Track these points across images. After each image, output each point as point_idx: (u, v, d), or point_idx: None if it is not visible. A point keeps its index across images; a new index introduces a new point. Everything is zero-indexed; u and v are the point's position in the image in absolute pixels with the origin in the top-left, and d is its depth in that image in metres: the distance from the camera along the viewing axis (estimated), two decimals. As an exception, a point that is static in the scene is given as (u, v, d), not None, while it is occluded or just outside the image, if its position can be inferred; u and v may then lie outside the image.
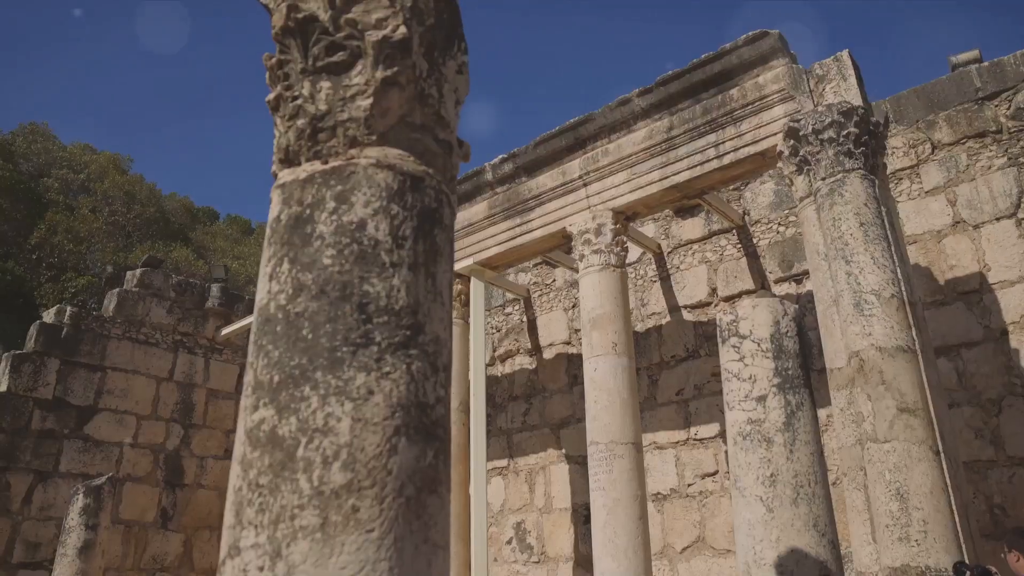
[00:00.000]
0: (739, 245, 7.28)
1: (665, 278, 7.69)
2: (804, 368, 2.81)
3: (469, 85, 1.70)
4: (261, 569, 1.10)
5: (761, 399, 2.73)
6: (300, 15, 1.43)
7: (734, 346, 2.85)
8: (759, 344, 2.79)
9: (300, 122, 1.42)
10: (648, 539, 5.31)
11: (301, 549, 1.09)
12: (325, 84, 1.42)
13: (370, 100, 1.39)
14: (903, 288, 4.46)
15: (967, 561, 3.83)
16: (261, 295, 1.32)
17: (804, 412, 2.73)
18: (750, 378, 2.77)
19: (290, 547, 1.10)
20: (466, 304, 7.12)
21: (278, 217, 1.36)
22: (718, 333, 2.97)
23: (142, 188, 16.10)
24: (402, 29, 1.42)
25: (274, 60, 1.52)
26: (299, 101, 1.43)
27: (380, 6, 1.42)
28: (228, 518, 1.19)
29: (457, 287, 7.10)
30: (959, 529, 3.97)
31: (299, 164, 1.42)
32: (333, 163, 1.37)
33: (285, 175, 1.41)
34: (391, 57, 1.41)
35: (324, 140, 1.39)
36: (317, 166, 1.38)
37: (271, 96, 1.48)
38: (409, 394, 1.22)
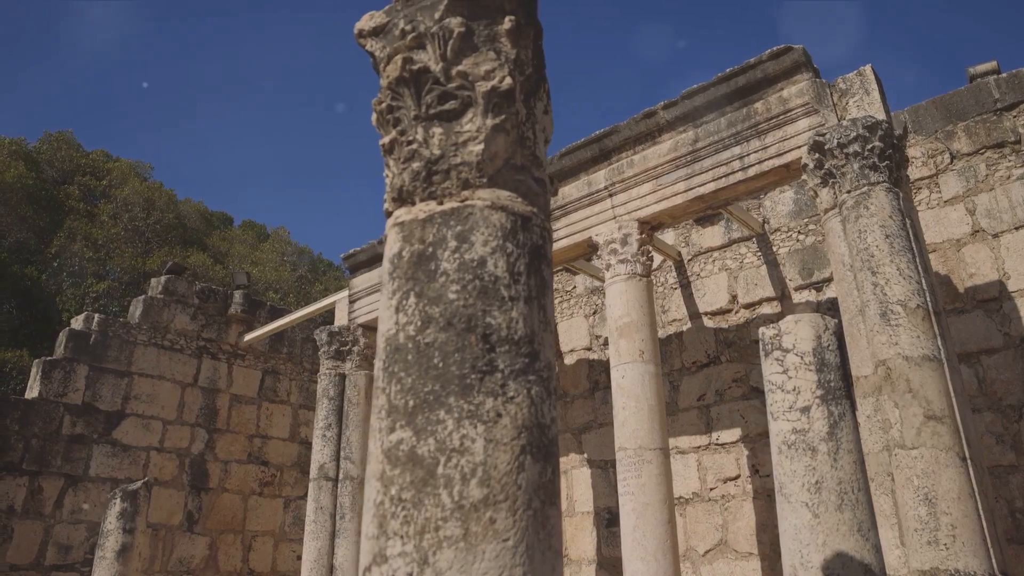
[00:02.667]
0: (759, 253, 7.40)
1: (685, 285, 7.81)
2: (845, 380, 2.94)
3: (553, 124, 1.83)
4: (410, 574, 1.23)
5: (805, 410, 2.85)
6: (414, 67, 1.56)
7: (777, 359, 2.97)
8: (802, 357, 2.91)
9: (415, 165, 1.55)
10: (676, 542, 5.43)
11: (447, 557, 1.22)
12: (437, 130, 1.55)
13: (481, 146, 1.52)
14: (928, 298, 4.57)
15: (995, 565, 3.94)
16: (388, 326, 1.45)
17: (846, 422, 2.85)
18: (794, 390, 2.90)
19: (436, 555, 1.23)
20: (491, 311, 7.25)
21: (399, 253, 1.50)
22: (760, 346, 3.10)
23: (161, 195, 16.32)
24: (508, 80, 1.56)
25: (384, 105, 1.65)
26: (414, 146, 1.56)
27: (488, 59, 1.56)
28: (370, 529, 1.33)
29: (482, 295, 7.23)
30: (986, 533, 4.09)
31: (414, 204, 1.55)
32: (448, 204, 1.50)
33: (402, 214, 1.55)
34: (499, 106, 1.55)
35: (438, 182, 1.53)
36: (433, 206, 1.52)
37: (385, 140, 1.61)
38: (531, 416, 1.36)
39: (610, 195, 6.31)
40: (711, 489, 7.08)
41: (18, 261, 13.32)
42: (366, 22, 1.71)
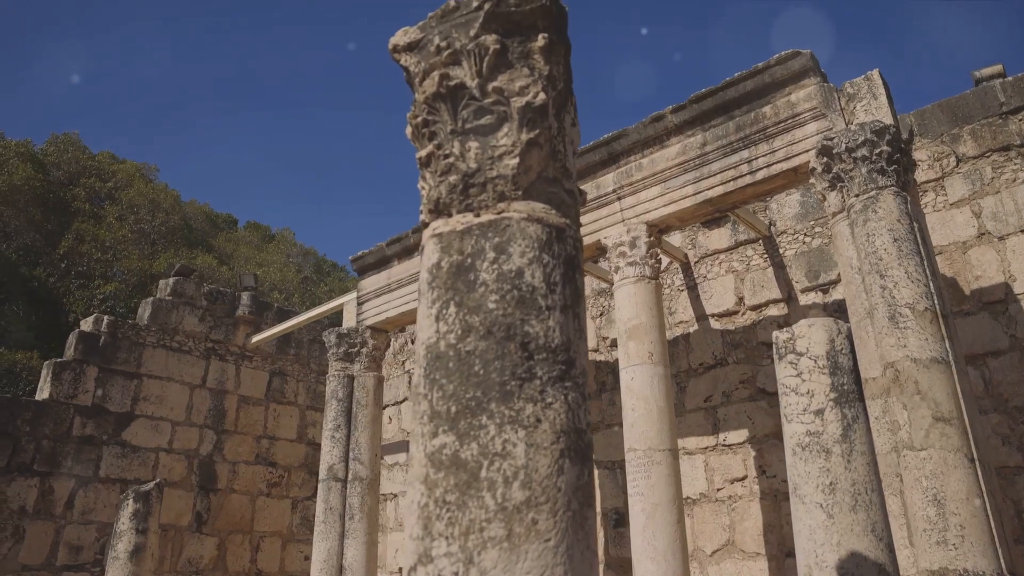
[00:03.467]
0: (765, 255, 7.45)
1: (692, 287, 7.86)
2: (858, 383, 2.99)
3: (580, 135, 1.89)
4: (456, 574, 1.29)
5: (819, 412, 2.90)
6: (451, 83, 1.62)
7: (791, 363, 3.02)
8: (816, 361, 2.96)
9: (452, 178, 1.60)
10: (685, 542, 5.48)
11: (491, 556, 1.28)
12: (473, 144, 1.61)
13: (516, 159, 1.57)
14: (936, 301, 4.62)
15: (1003, 565, 3.99)
16: (428, 334, 1.51)
17: (859, 424, 2.90)
18: (807, 393, 2.95)
19: (481, 555, 1.28)
20: (500, 313, 7.30)
21: (438, 264, 1.55)
22: (774, 350, 3.15)
23: (167, 196, 16.40)
24: (541, 95, 1.61)
25: (419, 119, 1.71)
26: (450, 159, 1.61)
27: (522, 75, 1.61)
28: (415, 530, 1.38)
29: (491, 297, 7.28)
30: (994, 534, 4.13)
31: (450, 215, 1.61)
32: (485, 216, 1.55)
33: (439, 225, 1.60)
34: (533, 120, 1.60)
35: (475, 194, 1.58)
36: (470, 218, 1.57)
37: (422, 153, 1.67)
38: (568, 421, 1.41)
39: (619, 198, 6.36)
40: (718, 490, 7.13)
41: (26, 263, 13.40)
42: (400, 37, 1.77)
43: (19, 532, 8.15)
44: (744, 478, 6.99)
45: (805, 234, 7.23)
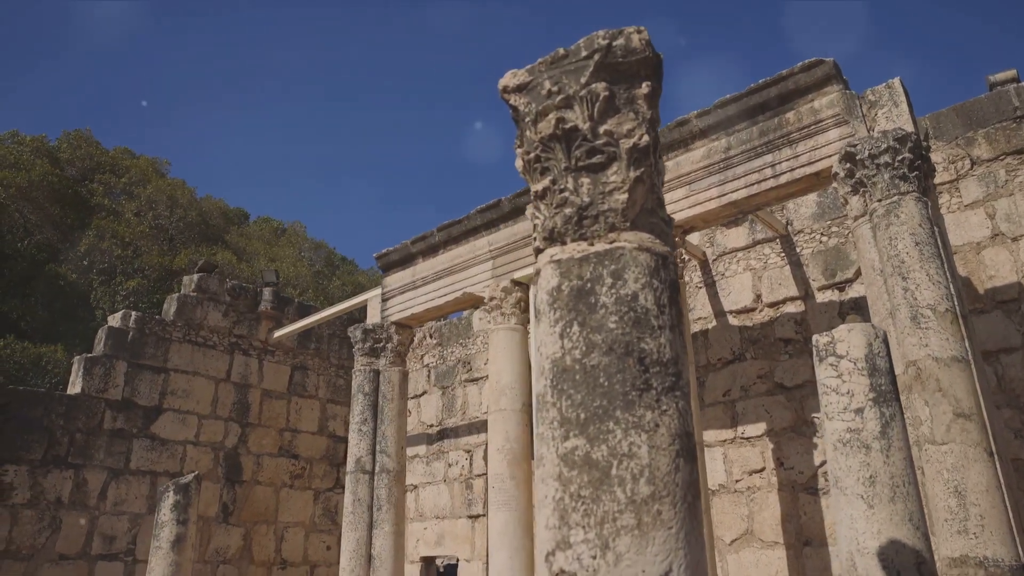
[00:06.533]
0: (782, 253, 7.67)
1: (711, 284, 8.08)
2: (893, 384, 3.21)
3: (665, 170, 2.10)
4: (594, 558, 1.51)
5: (859, 411, 3.13)
6: (566, 126, 1.83)
7: (831, 364, 3.25)
8: (855, 363, 3.19)
9: (567, 211, 1.82)
10: (711, 531, 5.72)
11: (625, 542, 1.50)
12: (586, 180, 1.82)
13: (626, 195, 1.79)
14: (956, 302, 4.84)
15: (1021, 553, 4.23)
16: (553, 349, 1.72)
17: (896, 422, 3.13)
18: (848, 393, 3.17)
19: (615, 541, 1.51)
20: (525, 311, 7.52)
21: (559, 287, 1.77)
22: (814, 352, 3.37)
23: (184, 192, 16.61)
24: (646, 138, 1.82)
25: (532, 155, 1.92)
26: (565, 193, 1.83)
27: (628, 119, 1.83)
28: (550, 520, 1.60)
29: (516, 295, 7.50)
30: (1012, 523, 4.37)
31: (565, 243, 1.82)
32: (599, 245, 1.77)
33: (556, 252, 1.82)
34: (639, 160, 1.82)
35: (588, 225, 1.79)
36: (584, 246, 1.78)
37: (538, 187, 1.88)
38: (680, 426, 1.63)
39: (644, 200, 6.57)
40: (737, 481, 7.37)
41: (47, 259, 13.60)
42: (510, 79, 1.98)
43: (56, 522, 8.39)
44: (762, 470, 7.23)
45: (822, 233, 7.44)
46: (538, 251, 1.88)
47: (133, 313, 9.78)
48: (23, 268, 13.90)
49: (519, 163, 1.98)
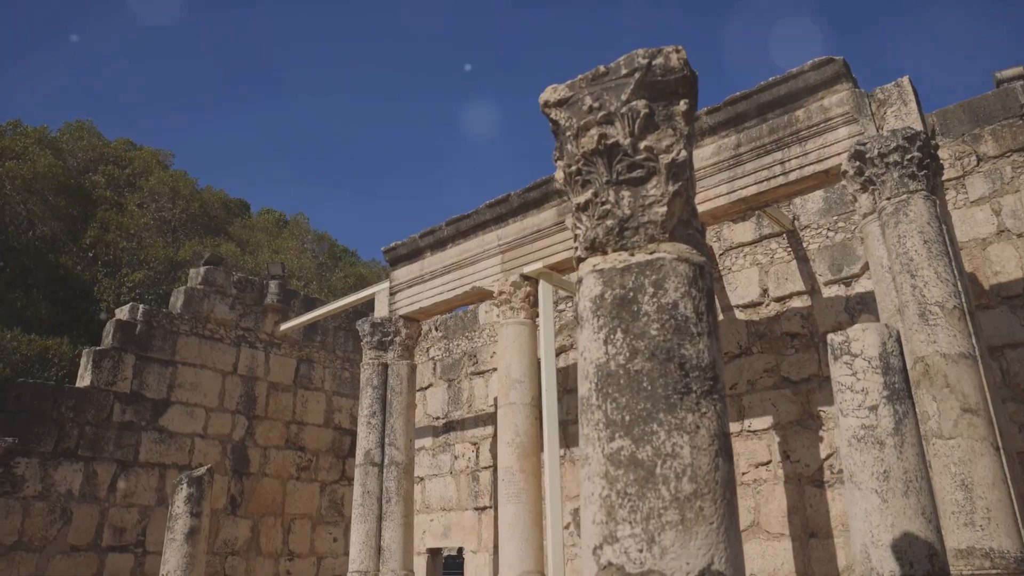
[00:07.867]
0: (789, 249, 7.75)
1: (717, 279, 8.16)
2: (906, 381, 3.30)
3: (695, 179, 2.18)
4: (640, 551, 1.60)
5: (873, 408, 3.22)
6: (608, 141, 1.90)
7: (846, 363, 3.33)
8: (869, 362, 3.27)
9: (609, 222, 1.89)
10: (720, 524, 5.82)
11: (669, 536, 1.59)
12: (626, 193, 1.90)
13: (664, 208, 1.87)
14: (963, 299, 4.93)
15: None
16: (598, 355, 1.80)
17: (909, 419, 3.22)
18: (862, 390, 3.26)
19: (660, 535, 1.59)
20: (534, 305, 7.60)
21: (602, 295, 1.84)
22: (829, 351, 3.46)
23: (186, 184, 16.63)
24: (683, 153, 1.90)
25: (573, 168, 2.00)
26: (607, 206, 1.90)
27: (667, 135, 1.90)
28: (597, 516, 1.69)
29: (526, 289, 7.58)
30: (1018, 516, 4.47)
31: (606, 253, 1.90)
32: (640, 255, 1.85)
33: (598, 261, 1.90)
34: (677, 174, 1.90)
35: (628, 236, 1.87)
36: (625, 256, 1.86)
37: (580, 200, 1.96)
38: (719, 427, 1.72)
39: (653, 196, 6.64)
40: (743, 473, 7.47)
41: (51, 251, 13.64)
42: (551, 94, 2.05)
43: (67, 514, 8.48)
44: (768, 463, 7.33)
45: (828, 229, 7.52)
46: (579, 260, 1.96)
47: (141, 306, 9.84)
48: (27, 260, 13.95)
49: (559, 174, 2.05)
